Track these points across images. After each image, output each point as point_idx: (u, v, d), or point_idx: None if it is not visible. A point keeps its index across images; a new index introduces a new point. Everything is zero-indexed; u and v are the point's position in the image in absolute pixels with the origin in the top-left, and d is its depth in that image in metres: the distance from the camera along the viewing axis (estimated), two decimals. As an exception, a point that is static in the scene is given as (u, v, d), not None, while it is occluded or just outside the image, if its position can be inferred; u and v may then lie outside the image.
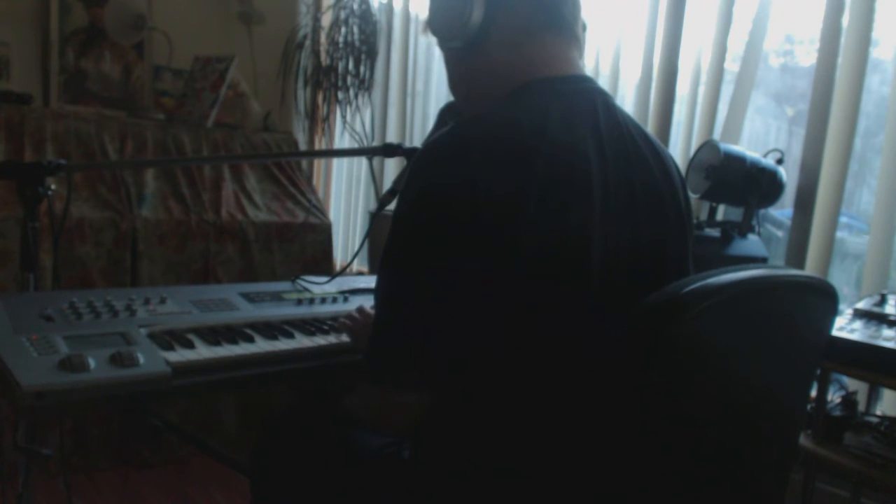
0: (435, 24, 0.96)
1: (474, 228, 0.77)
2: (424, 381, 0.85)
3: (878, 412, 1.61)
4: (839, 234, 1.75)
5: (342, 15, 2.91)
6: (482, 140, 0.81)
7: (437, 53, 1.00)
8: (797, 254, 1.80)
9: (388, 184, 1.56)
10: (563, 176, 0.80)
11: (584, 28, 1.01)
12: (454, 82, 1.03)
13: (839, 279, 1.90)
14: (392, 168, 2.88)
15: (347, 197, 3.22)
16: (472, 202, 0.77)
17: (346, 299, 1.42)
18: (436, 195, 0.81)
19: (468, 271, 0.78)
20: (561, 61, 0.94)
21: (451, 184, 0.79)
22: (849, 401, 1.51)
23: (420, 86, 2.89)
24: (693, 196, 1.70)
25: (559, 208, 0.79)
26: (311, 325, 1.22)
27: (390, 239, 0.84)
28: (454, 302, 0.79)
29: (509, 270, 0.77)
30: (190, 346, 1.05)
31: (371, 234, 2.41)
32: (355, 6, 2.90)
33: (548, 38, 0.93)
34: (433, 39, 1.01)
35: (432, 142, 0.83)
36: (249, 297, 1.32)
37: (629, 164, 0.89)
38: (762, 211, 1.80)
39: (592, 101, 0.91)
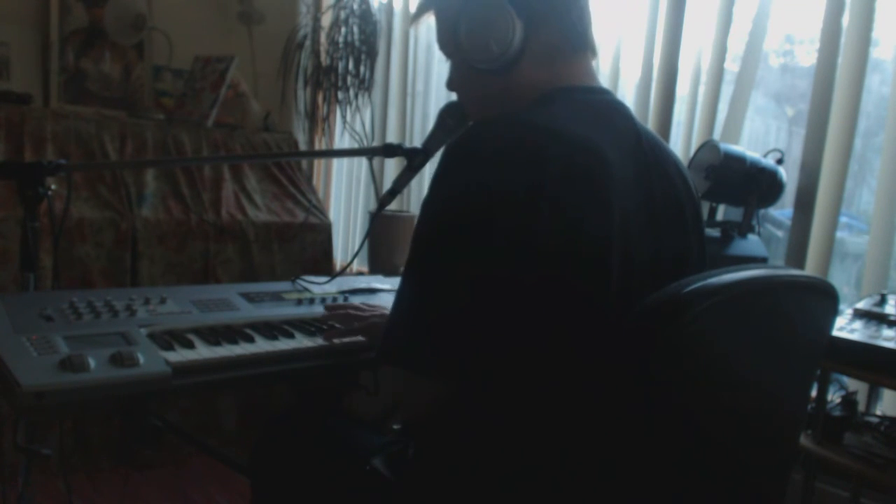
0: (467, 46, 0.94)
1: (492, 232, 0.78)
2: (437, 368, 0.84)
3: (878, 412, 1.61)
4: (839, 234, 1.75)
5: (342, 15, 2.91)
6: (499, 143, 0.81)
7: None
8: (797, 254, 1.79)
9: (388, 184, 1.56)
10: (579, 180, 0.80)
11: None
12: (468, 95, 1.03)
13: (839, 279, 1.90)
14: (392, 168, 2.88)
15: (347, 197, 3.22)
16: (490, 206, 0.78)
17: (345, 299, 1.42)
18: (456, 199, 0.81)
19: (486, 274, 0.78)
20: (583, 75, 0.96)
21: (470, 188, 0.80)
22: (849, 401, 1.51)
23: (420, 86, 2.88)
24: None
25: (576, 213, 0.79)
26: (311, 325, 1.22)
27: (414, 241, 0.84)
28: (471, 304, 0.79)
29: (525, 273, 0.77)
30: (190, 346, 1.05)
31: (371, 234, 2.41)
32: (355, 6, 2.90)
33: (575, 58, 0.95)
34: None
35: (454, 145, 0.84)
36: (249, 297, 1.32)
37: (649, 173, 0.90)
38: (762, 211, 1.80)
39: (613, 111, 0.92)
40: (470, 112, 1.06)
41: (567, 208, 0.78)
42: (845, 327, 1.38)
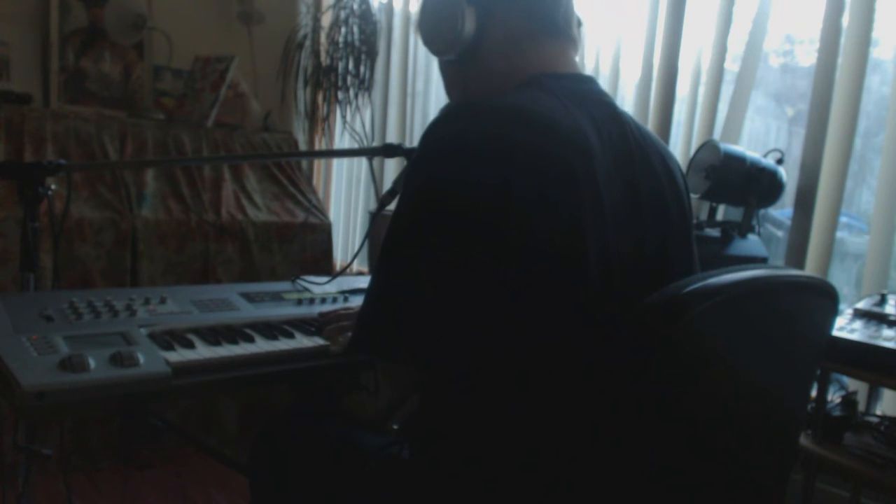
0: (427, 38, 0.97)
1: (466, 223, 0.78)
2: (403, 356, 0.85)
3: (878, 412, 1.61)
4: (839, 234, 1.75)
5: (342, 15, 2.91)
6: (468, 135, 0.80)
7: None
8: (797, 254, 1.80)
9: (388, 184, 1.56)
10: (549, 171, 0.79)
11: (580, 24, 1.01)
12: (451, 91, 1.03)
13: (839, 279, 1.90)
14: (392, 168, 2.88)
15: (347, 197, 3.22)
16: (459, 201, 0.78)
17: (346, 299, 1.42)
18: (425, 195, 0.81)
19: (461, 265, 0.78)
20: (561, 62, 0.94)
21: (444, 180, 0.80)
22: (849, 401, 1.51)
23: (420, 86, 2.89)
24: (693, 196, 1.69)
25: (545, 205, 0.78)
26: (311, 325, 1.22)
27: (387, 233, 0.84)
28: (447, 296, 0.80)
29: (499, 265, 0.77)
30: (190, 346, 1.05)
31: (371, 234, 2.41)
32: (355, 6, 2.90)
33: (544, 43, 0.94)
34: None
35: (425, 137, 0.84)
36: (249, 297, 1.32)
37: (633, 165, 0.89)
38: (762, 211, 1.80)
39: (596, 101, 0.91)
40: None
41: (537, 201, 0.78)
42: (845, 327, 1.38)
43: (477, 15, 0.92)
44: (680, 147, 2.03)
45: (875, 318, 1.42)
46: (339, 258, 3.05)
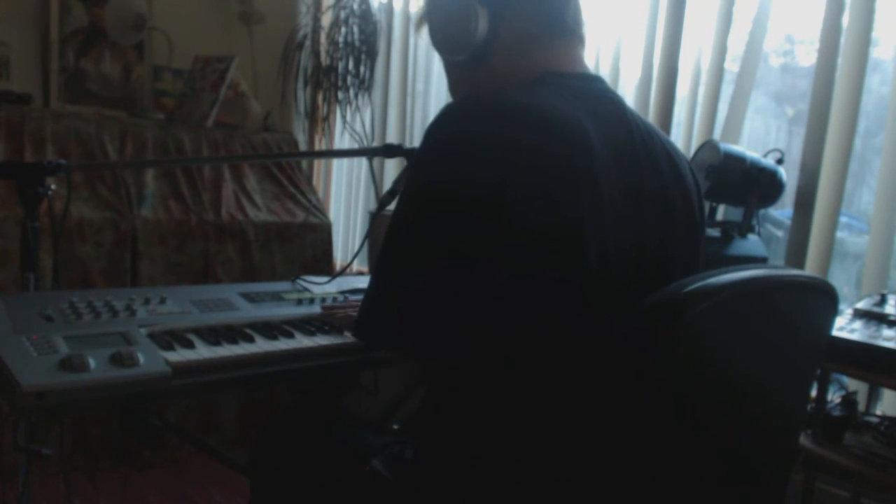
0: (438, 39, 0.97)
1: (466, 223, 0.78)
2: (403, 346, 0.87)
3: (878, 412, 1.61)
4: (839, 234, 1.75)
5: (342, 15, 2.91)
6: (471, 134, 0.81)
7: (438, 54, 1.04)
8: (797, 254, 1.79)
9: (388, 184, 1.57)
10: (550, 169, 0.79)
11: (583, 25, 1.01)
12: (457, 91, 1.03)
13: (839, 279, 1.90)
14: (392, 168, 2.88)
15: (347, 197, 3.22)
16: (464, 197, 0.78)
17: (345, 299, 1.42)
18: (431, 192, 0.82)
19: (461, 264, 0.79)
20: (569, 62, 0.95)
21: (446, 180, 0.80)
22: (849, 401, 1.51)
23: (420, 86, 2.88)
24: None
25: (545, 203, 0.78)
26: (311, 325, 1.22)
27: (388, 231, 0.85)
28: (447, 292, 0.80)
29: (500, 263, 0.78)
30: (190, 346, 1.05)
31: (371, 234, 2.41)
32: (355, 6, 2.90)
33: (554, 43, 0.94)
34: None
35: (429, 133, 0.84)
36: (249, 297, 1.32)
37: (639, 165, 0.89)
38: (762, 211, 1.80)
39: (603, 99, 0.91)
40: None
41: (538, 200, 0.78)
42: (845, 327, 1.38)
43: (490, 16, 0.92)
44: (680, 147, 2.03)
45: (875, 318, 1.42)
46: (339, 258, 3.04)
